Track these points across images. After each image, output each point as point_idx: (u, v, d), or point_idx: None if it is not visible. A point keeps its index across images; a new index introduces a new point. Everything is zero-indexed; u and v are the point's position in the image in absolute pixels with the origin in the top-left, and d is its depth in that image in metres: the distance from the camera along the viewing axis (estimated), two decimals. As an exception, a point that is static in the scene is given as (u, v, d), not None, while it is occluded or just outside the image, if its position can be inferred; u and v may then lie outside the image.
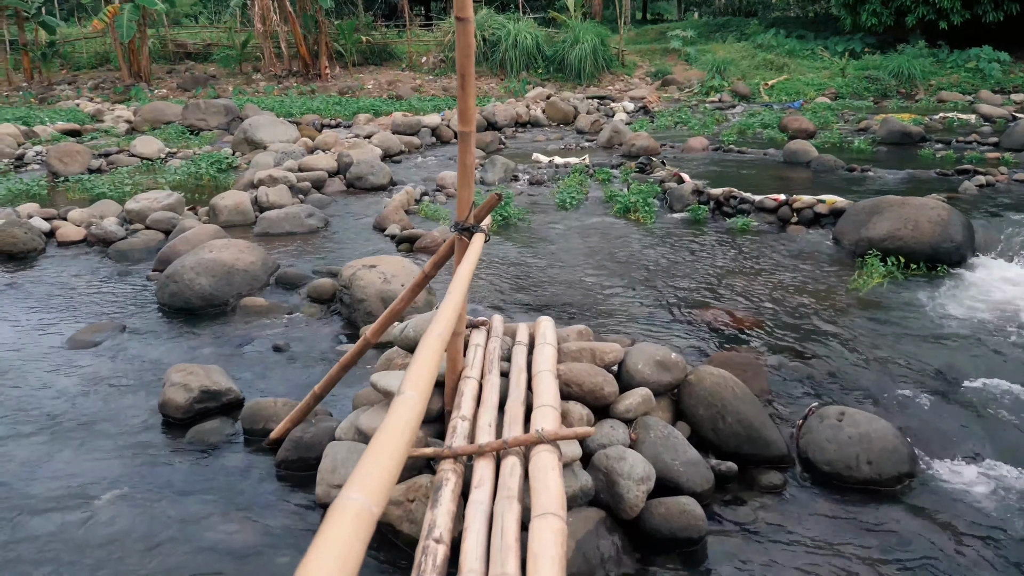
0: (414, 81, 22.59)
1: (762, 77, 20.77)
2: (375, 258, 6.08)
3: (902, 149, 12.30)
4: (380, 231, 8.29)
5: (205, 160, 11.87)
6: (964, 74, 19.77)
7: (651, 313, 5.81)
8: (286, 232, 8.22)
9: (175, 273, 6.14)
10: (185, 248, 6.96)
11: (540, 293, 6.24)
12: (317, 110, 17.43)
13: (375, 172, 10.52)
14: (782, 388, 4.48)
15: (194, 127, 15.61)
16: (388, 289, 5.55)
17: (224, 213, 8.57)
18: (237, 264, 6.37)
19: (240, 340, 5.49)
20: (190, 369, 4.41)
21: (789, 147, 11.36)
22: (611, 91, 20.84)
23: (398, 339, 3.96)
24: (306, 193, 9.77)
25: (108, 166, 12.30)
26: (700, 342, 5.22)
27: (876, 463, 3.56)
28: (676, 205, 9.07)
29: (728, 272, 6.74)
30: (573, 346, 3.85)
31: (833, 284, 6.41)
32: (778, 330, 5.40)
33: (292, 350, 5.30)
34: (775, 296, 6.10)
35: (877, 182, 9.80)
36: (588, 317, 5.69)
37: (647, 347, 3.92)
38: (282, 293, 6.45)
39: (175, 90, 22.14)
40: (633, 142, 12.23)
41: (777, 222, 8.36)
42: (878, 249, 6.74)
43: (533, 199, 9.90)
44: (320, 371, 4.90)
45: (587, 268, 6.90)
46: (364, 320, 5.55)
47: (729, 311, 5.80)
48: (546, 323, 3.92)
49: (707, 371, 3.85)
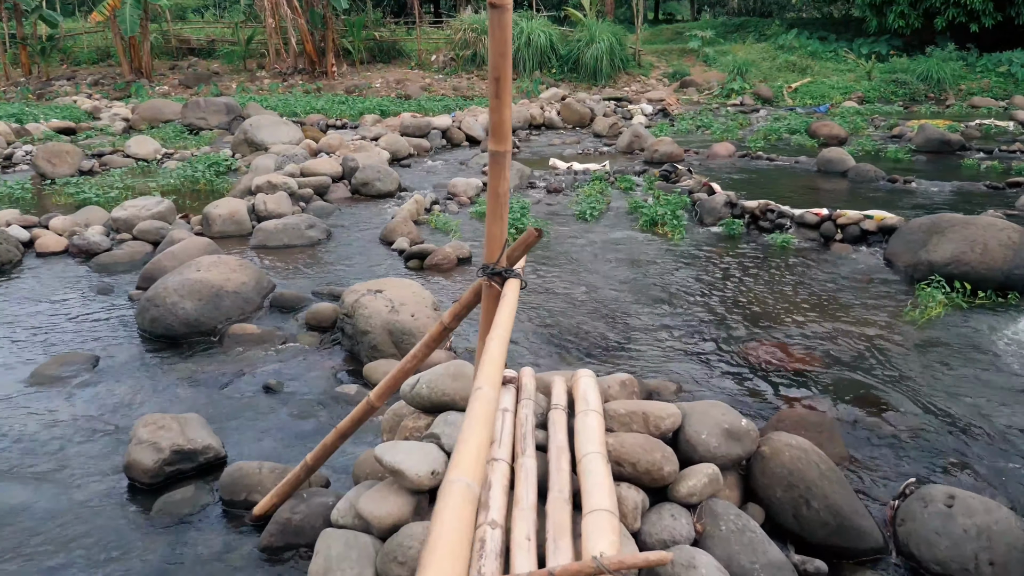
0: (423, 80, 21.92)
1: (784, 80, 20.02)
2: (381, 281, 5.40)
3: (941, 158, 11.58)
4: (387, 244, 7.62)
5: (202, 162, 11.21)
6: (995, 79, 19.00)
7: (692, 349, 5.11)
8: (284, 245, 7.55)
9: (157, 296, 5.47)
10: (171, 264, 6.30)
11: (565, 323, 5.55)
12: (322, 110, 16.75)
13: (382, 178, 9.85)
14: (862, 452, 3.78)
15: (194, 126, 14.96)
16: (396, 320, 4.86)
17: (218, 223, 7.91)
18: (227, 285, 5.70)
19: (227, 377, 4.82)
20: (162, 422, 3.74)
21: (824, 155, 10.65)
22: (628, 92, 20.12)
23: (408, 396, 3.28)
24: (308, 201, 9.10)
25: (100, 167, 11.67)
26: (754, 386, 4.52)
27: (1001, 565, 2.86)
28: (707, 219, 8.37)
29: (771, 298, 6.04)
30: (621, 409, 3.16)
31: (891, 313, 5.71)
32: (839, 372, 4.71)
33: (285, 391, 4.62)
34: (828, 328, 5.41)
35: (922, 195, 9.09)
36: (622, 355, 5.00)
37: (710, 409, 3.23)
38: (277, 318, 5.77)
39: (177, 87, 21.51)
40: (656, 148, 11.53)
41: (820, 239, 7.67)
42: (940, 274, 6.04)
43: (551, 209, 9.22)
44: (315, 422, 4.23)
45: (614, 292, 6.22)
46: (368, 355, 4.87)
47: (781, 346, 5.11)
48: (586, 380, 3.23)
49: (784, 442, 3.16)
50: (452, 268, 6.90)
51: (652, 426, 3.12)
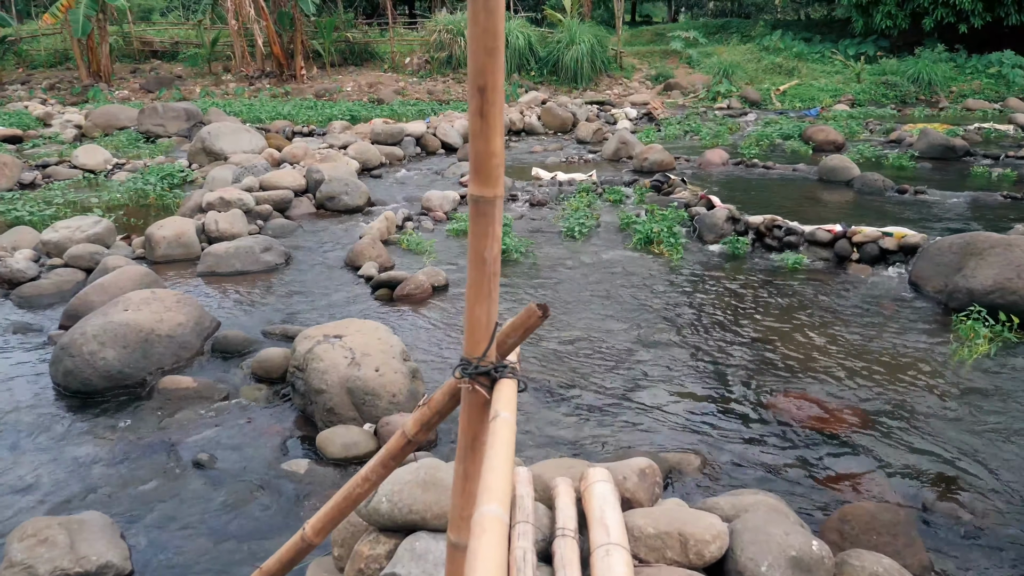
0: (397, 83, 21.01)
1: (771, 82, 19.39)
2: (341, 324, 4.55)
3: (947, 164, 10.94)
4: (353, 270, 6.76)
5: (155, 174, 10.27)
6: (986, 80, 18.49)
7: (709, 405, 4.33)
8: (236, 271, 6.66)
9: (72, 343, 4.58)
10: (100, 299, 5.41)
11: (557, 372, 4.74)
12: (289, 116, 15.81)
13: (350, 191, 8.98)
14: (944, 556, 3.01)
15: (151, 133, 13.98)
16: (357, 377, 4.02)
17: (162, 246, 7.01)
18: (159, 328, 4.82)
19: (150, 447, 3.95)
20: (45, 533, 2.87)
21: (826, 163, 9.94)
22: (610, 95, 19.37)
23: (364, 513, 2.46)
24: (266, 218, 8.21)
25: (43, 180, 10.67)
26: (790, 459, 3.74)
27: None
28: (708, 236, 7.61)
29: (789, 332, 5.28)
30: (650, 528, 2.36)
31: (930, 351, 4.97)
32: (888, 433, 3.94)
33: (220, 466, 3.77)
34: (860, 371, 4.65)
35: (937, 208, 8.40)
36: (627, 415, 4.20)
37: (768, 526, 2.43)
38: (219, 366, 4.90)
39: (138, 91, 20.43)
40: (645, 156, 10.77)
41: (834, 259, 6.93)
42: (981, 304, 5.31)
43: (535, 224, 8.41)
44: (254, 512, 3.38)
45: (612, 328, 5.42)
46: (323, 420, 4.03)
47: (812, 399, 4.34)
48: (601, 489, 2.41)
49: (867, 570, 2.36)
50: (426, 298, 6.07)
51: (693, 553, 2.32)
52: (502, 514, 1.20)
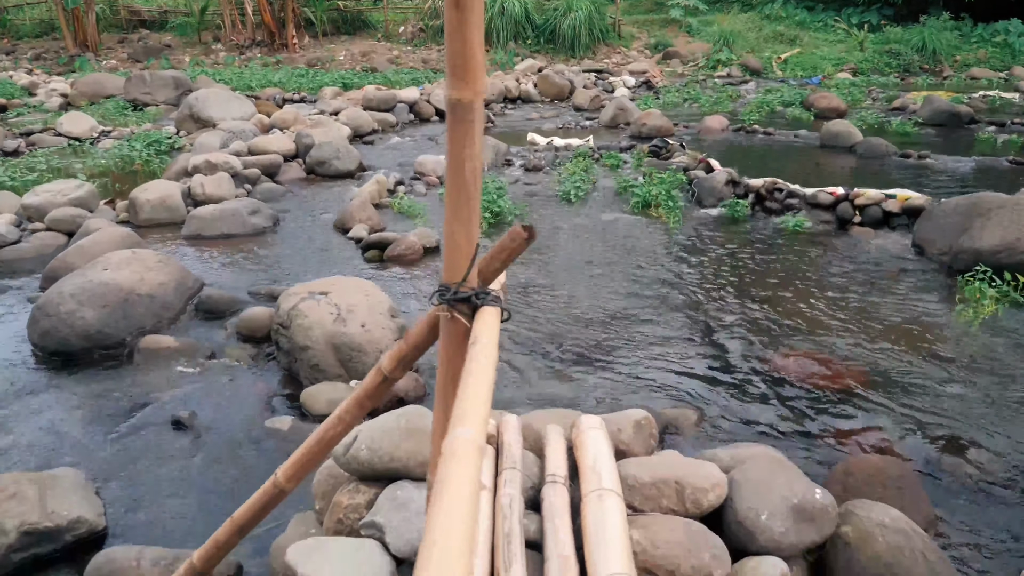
0: (390, 52, 20.66)
1: (773, 50, 19.06)
2: (327, 281, 4.40)
3: (951, 132, 10.73)
4: (343, 232, 6.59)
5: (141, 140, 10.04)
6: (992, 49, 18.19)
7: (708, 362, 4.19)
8: (222, 235, 6.48)
9: (49, 303, 4.42)
10: (80, 261, 5.24)
11: (551, 332, 4.59)
12: (279, 83, 15.52)
13: (341, 156, 8.78)
14: (949, 510, 2.88)
15: (138, 102, 13.70)
16: (343, 333, 3.87)
17: (146, 209, 6.82)
18: (140, 288, 4.66)
19: (129, 407, 3.81)
20: (13, 489, 2.73)
21: (828, 128, 9.74)
22: (608, 64, 19.05)
23: (342, 460, 2.32)
24: (255, 182, 8.01)
25: (27, 147, 10.44)
26: (794, 414, 3.61)
27: None
28: (707, 199, 7.44)
29: (791, 294, 5.13)
30: (645, 476, 2.22)
31: (936, 312, 4.83)
32: (893, 391, 3.81)
33: (201, 424, 3.63)
34: (865, 332, 4.51)
35: (941, 172, 8.23)
36: (624, 373, 4.06)
37: (770, 475, 2.29)
38: (203, 327, 4.75)
39: (126, 61, 20.06)
40: (643, 121, 10.55)
41: (835, 222, 6.77)
42: (988, 264, 5.16)
43: (531, 189, 8.23)
44: (236, 471, 3.25)
45: (608, 290, 5.27)
46: (308, 376, 3.89)
47: (817, 357, 4.20)
48: (594, 437, 2.27)
49: (874, 520, 2.23)
50: (417, 260, 5.91)
51: (690, 502, 2.18)
52: (477, 438, 1.05)
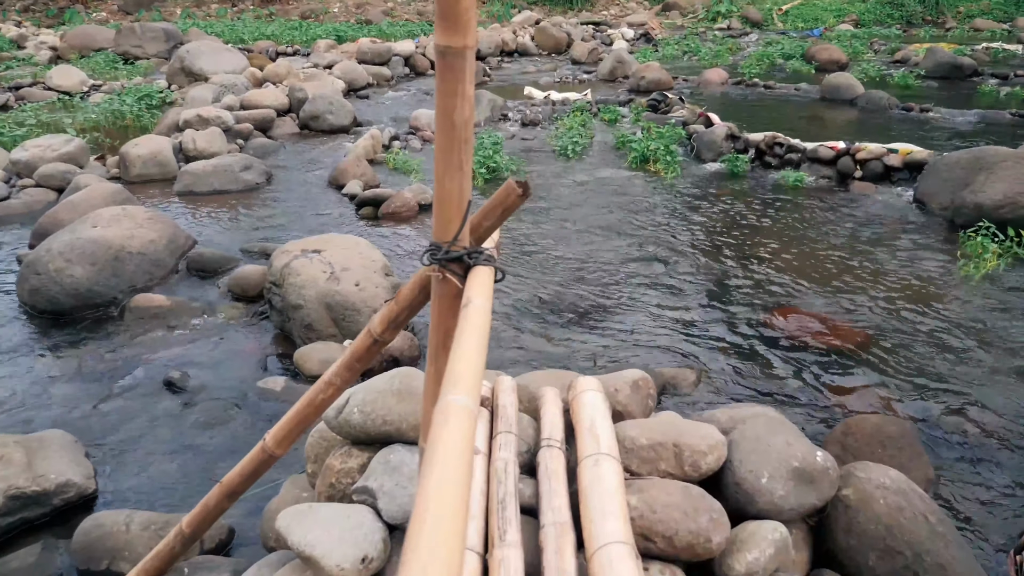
0: (386, 4, 20.25)
1: (774, 2, 18.71)
2: (321, 239, 4.33)
3: (953, 84, 10.57)
4: (337, 188, 6.49)
5: (132, 94, 9.85)
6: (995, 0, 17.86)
7: (705, 319, 4.15)
8: (214, 190, 6.39)
9: (38, 261, 4.35)
10: (70, 217, 5.15)
11: (546, 290, 4.54)
12: (272, 36, 15.23)
13: (335, 110, 8.62)
14: (948, 467, 2.87)
15: (129, 55, 13.45)
16: (336, 291, 3.81)
17: (137, 165, 6.71)
18: (130, 245, 4.59)
19: (119, 367, 3.77)
20: (1, 452, 2.70)
21: (829, 81, 9.58)
22: (606, 16, 18.70)
23: (334, 424, 2.28)
24: (247, 137, 7.88)
25: (16, 102, 10.24)
26: (790, 372, 3.57)
27: None
28: (706, 154, 7.33)
29: (790, 250, 5.07)
30: (643, 439, 2.18)
31: (937, 268, 4.78)
32: (893, 349, 3.77)
33: (193, 384, 3.59)
34: (865, 288, 4.46)
35: (944, 126, 8.11)
36: (620, 331, 4.02)
37: (769, 436, 2.25)
38: (195, 285, 4.69)
39: (116, 13, 19.65)
40: (642, 75, 10.36)
41: (836, 176, 6.68)
42: (990, 219, 5.09)
43: (527, 144, 8.10)
44: (227, 433, 3.22)
45: (605, 246, 5.20)
46: (301, 336, 3.84)
47: (818, 317, 4.16)
48: (591, 399, 2.23)
49: (875, 483, 2.21)
50: (412, 216, 5.83)
51: (688, 465, 2.15)
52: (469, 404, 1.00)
